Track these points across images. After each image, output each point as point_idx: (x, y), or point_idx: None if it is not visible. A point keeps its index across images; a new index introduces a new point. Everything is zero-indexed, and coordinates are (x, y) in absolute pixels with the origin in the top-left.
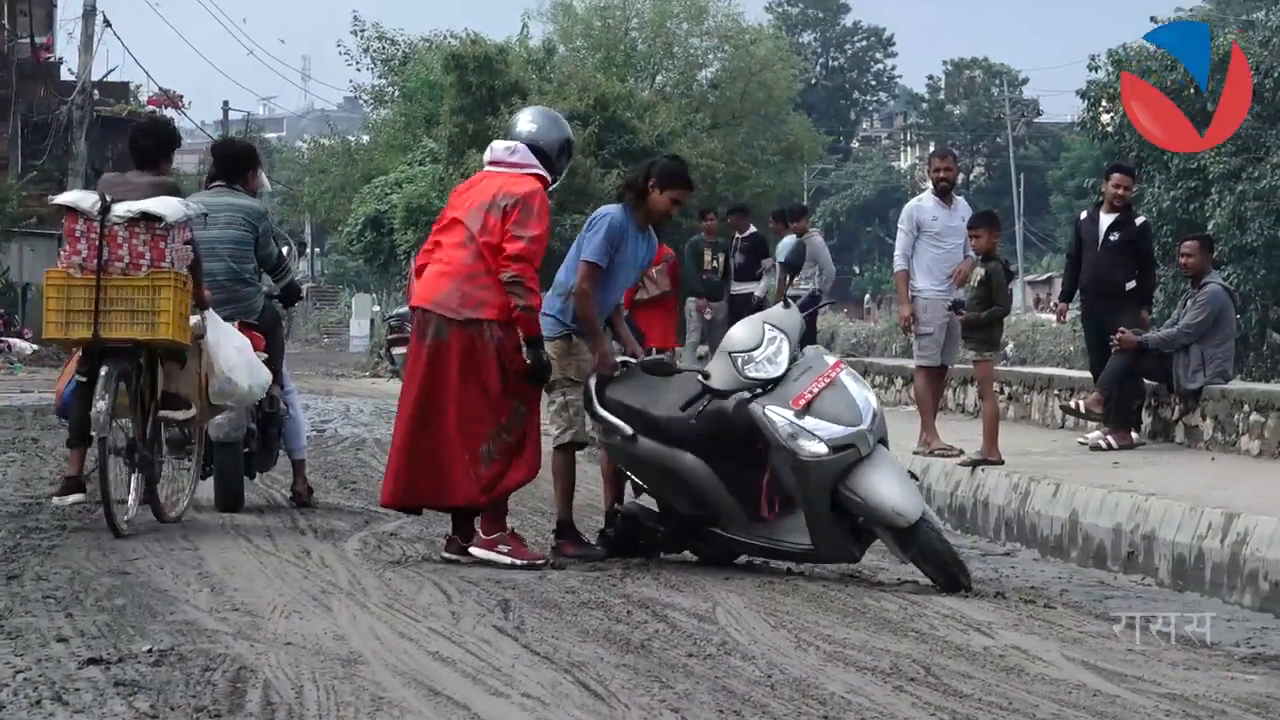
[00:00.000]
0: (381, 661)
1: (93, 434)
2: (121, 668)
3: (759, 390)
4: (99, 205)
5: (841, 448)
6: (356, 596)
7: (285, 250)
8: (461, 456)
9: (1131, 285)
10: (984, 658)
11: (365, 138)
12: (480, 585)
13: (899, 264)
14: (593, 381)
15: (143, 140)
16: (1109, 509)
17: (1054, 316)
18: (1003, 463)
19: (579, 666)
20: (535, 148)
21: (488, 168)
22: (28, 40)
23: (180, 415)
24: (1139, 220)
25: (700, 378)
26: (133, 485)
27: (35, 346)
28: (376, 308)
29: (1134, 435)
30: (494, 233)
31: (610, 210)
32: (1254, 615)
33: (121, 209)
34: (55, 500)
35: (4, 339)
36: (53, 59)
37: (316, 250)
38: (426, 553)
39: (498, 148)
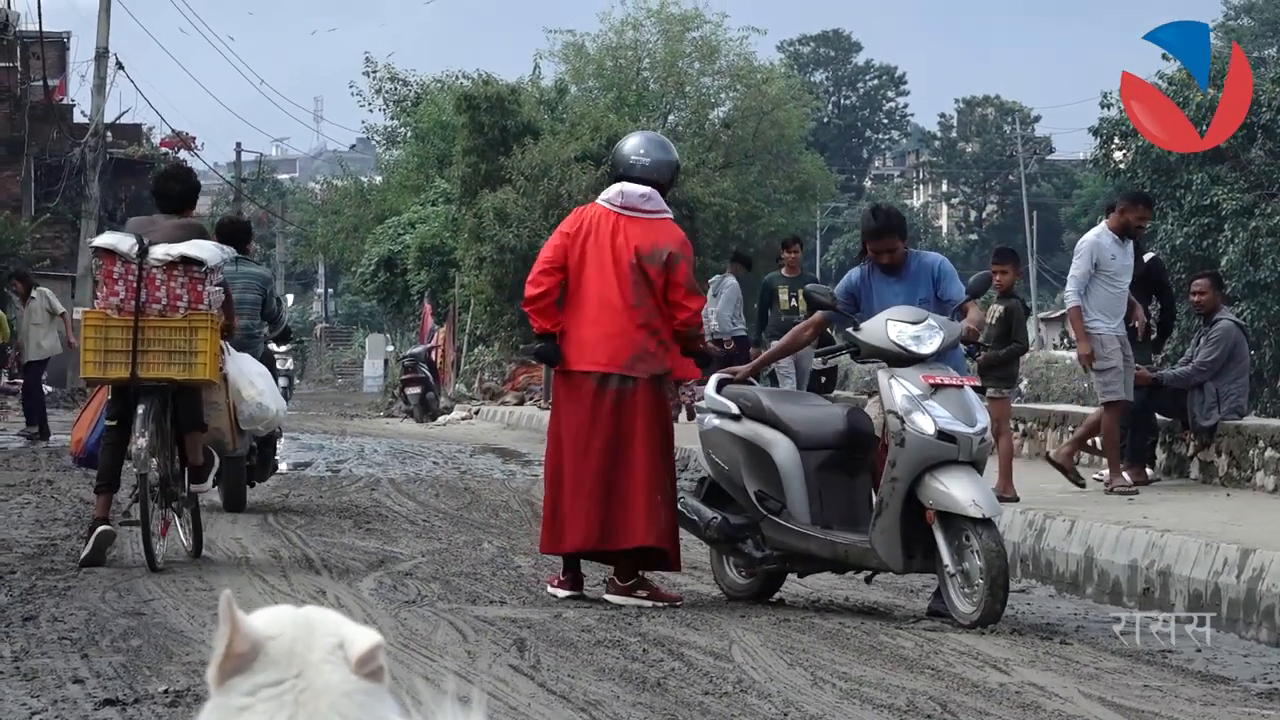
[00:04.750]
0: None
1: (135, 470)
2: (138, 709)
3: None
4: (137, 248)
5: (945, 438)
6: None
7: (278, 303)
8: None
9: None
10: (1000, 694)
11: (378, 178)
12: (496, 625)
13: (1072, 300)
14: (715, 378)
15: (173, 187)
16: (1124, 545)
17: (1069, 354)
18: (1018, 500)
19: (595, 705)
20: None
21: (621, 211)
22: (40, 83)
23: (203, 489)
24: (1147, 257)
25: (851, 328)
26: (177, 523)
27: (50, 388)
28: (390, 348)
29: (1149, 472)
30: (658, 288)
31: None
32: (1270, 650)
33: (160, 252)
34: (85, 554)
35: (17, 380)
36: (65, 101)
37: (330, 291)
38: (442, 592)
39: (632, 193)
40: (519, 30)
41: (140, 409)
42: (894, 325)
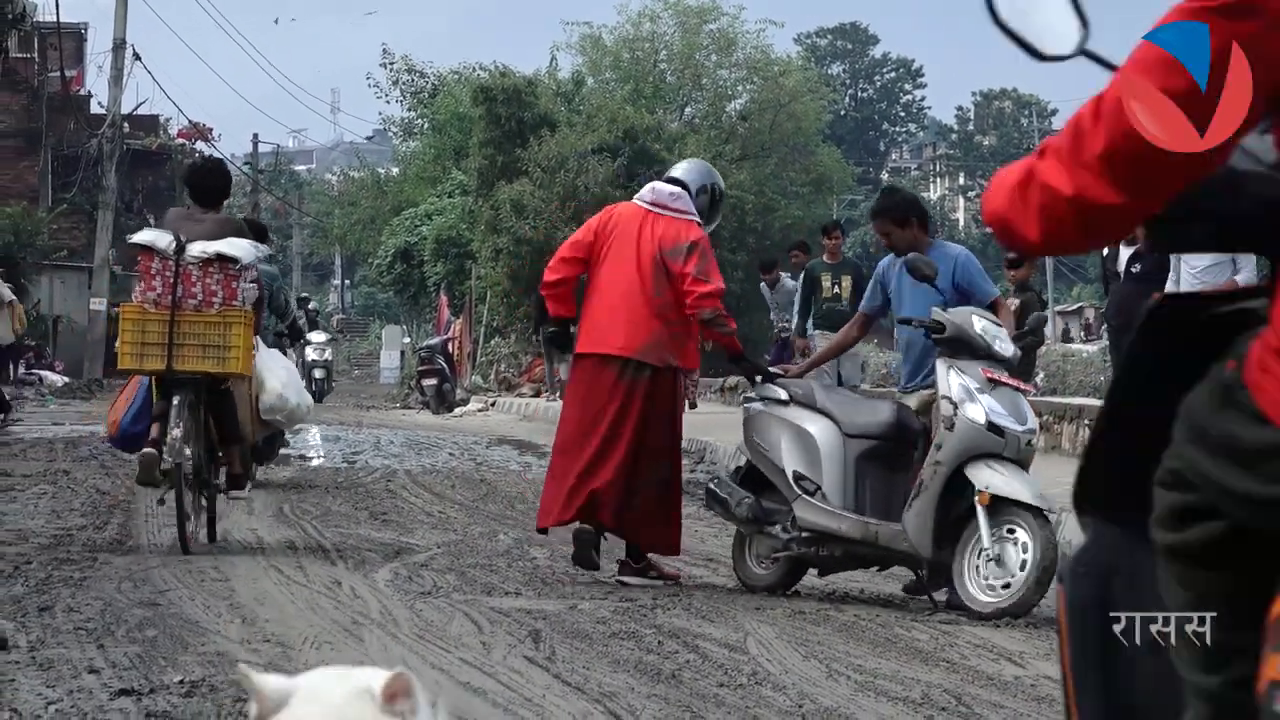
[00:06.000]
0: None
1: (170, 460)
2: (153, 699)
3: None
4: (174, 245)
5: (994, 430)
6: (387, 627)
7: (285, 300)
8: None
9: None
10: (1015, 687)
11: (394, 170)
12: (511, 616)
13: (1169, 285)
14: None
15: (214, 182)
16: None
17: (1085, 347)
18: None
19: (610, 697)
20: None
21: (650, 207)
22: (58, 74)
23: (240, 495)
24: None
25: (939, 307)
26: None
27: (66, 379)
28: (407, 339)
29: None
30: (677, 280)
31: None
32: None
33: (197, 249)
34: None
35: (35, 371)
36: (82, 92)
37: (346, 282)
38: (457, 583)
39: (662, 191)
40: (520, 29)
41: (175, 400)
42: (979, 320)
